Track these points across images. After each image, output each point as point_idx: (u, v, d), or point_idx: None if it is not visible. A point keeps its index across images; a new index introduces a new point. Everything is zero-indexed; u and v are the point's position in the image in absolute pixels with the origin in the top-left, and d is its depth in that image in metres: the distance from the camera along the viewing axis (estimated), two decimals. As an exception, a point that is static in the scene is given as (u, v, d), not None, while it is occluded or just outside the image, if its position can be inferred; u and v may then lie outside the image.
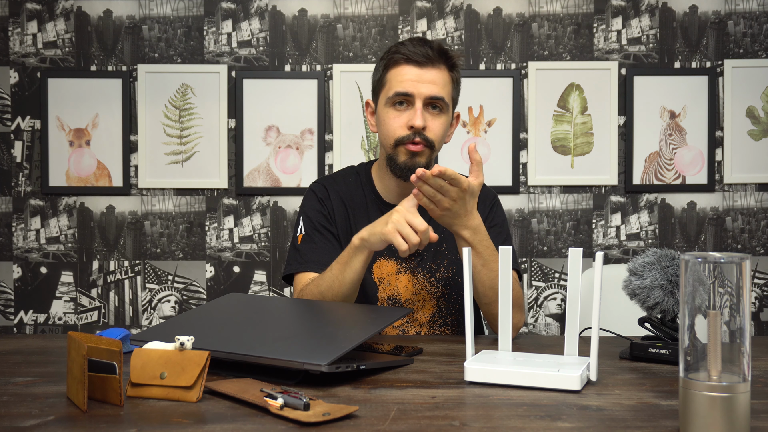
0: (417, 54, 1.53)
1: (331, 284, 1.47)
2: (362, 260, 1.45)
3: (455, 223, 1.42)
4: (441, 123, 1.56)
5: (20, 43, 2.74)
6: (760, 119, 2.73)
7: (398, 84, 1.54)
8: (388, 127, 1.56)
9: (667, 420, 0.91)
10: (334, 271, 1.48)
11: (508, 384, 1.07)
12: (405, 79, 1.53)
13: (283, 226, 2.74)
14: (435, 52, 1.54)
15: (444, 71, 1.56)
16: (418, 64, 1.53)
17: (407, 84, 1.53)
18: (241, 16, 2.74)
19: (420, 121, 1.51)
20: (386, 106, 1.56)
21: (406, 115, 1.54)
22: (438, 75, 1.54)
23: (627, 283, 1.28)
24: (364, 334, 1.14)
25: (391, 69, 1.56)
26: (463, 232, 1.43)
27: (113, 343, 0.96)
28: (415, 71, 1.53)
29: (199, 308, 1.37)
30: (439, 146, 1.58)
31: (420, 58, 1.53)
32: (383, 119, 1.57)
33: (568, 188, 2.74)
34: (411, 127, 1.52)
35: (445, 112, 1.57)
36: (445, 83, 1.56)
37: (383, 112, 1.57)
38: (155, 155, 2.72)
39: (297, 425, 0.88)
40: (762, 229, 2.74)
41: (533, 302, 2.75)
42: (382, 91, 1.59)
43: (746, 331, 0.82)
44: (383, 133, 1.58)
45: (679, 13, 2.73)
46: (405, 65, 1.54)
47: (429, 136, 1.54)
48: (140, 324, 2.75)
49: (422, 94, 1.53)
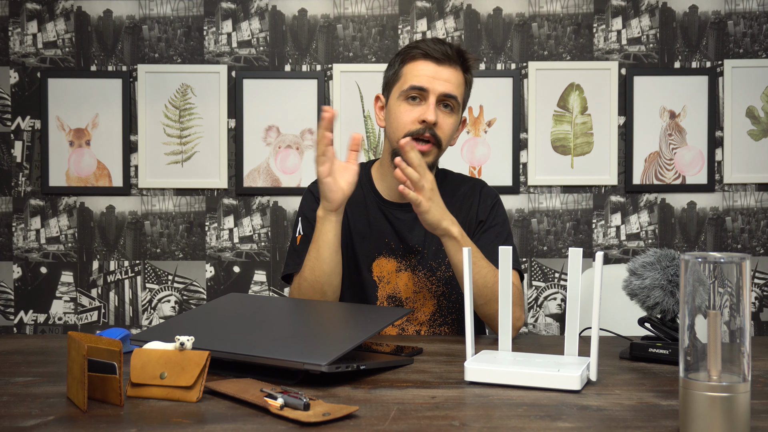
0: (436, 51, 1.54)
1: (311, 267, 1.50)
2: (331, 228, 1.47)
3: (445, 218, 1.44)
4: (451, 122, 1.57)
5: (20, 43, 2.74)
6: (760, 119, 2.73)
7: (414, 78, 1.54)
8: (399, 120, 1.56)
9: (667, 420, 0.91)
10: (311, 254, 1.50)
11: (508, 384, 1.07)
12: (421, 73, 1.54)
13: (283, 226, 2.74)
14: (454, 51, 1.56)
15: (459, 72, 1.57)
16: (436, 61, 1.54)
17: (423, 79, 1.54)
18: (241, 16, 2.74)
19: (433, 116, 1.52)
20: (399, 99, 1.57)
21: (419, 109, 1.54)
22: (454, 74, 1.56)
23: (627, 283, 1.28)
24: (364, 334, 1.14)
25: (408, 63, 1.57)
26: (452, 229, 1.45)
27: (113, 343, 0.96)
28: (432, 67, 1.54)
29: (199, 308, 1.37)
30: (447, 145, 1.59)
31: (439, 55, 1.54)
32: (394, 112, 1.57)
33: (568, 188, 2.74)
34: (423, 121, 1.53)
35: (456, 112, 1.58)
36: (459, 83, 1.57)
37: (395, 105, 1.57)
38: (155, 155, 2.72)
39: (297, 425, 0.88)
40: (762, 229, 2.74)
41: (533, 302, 2.75)
42: (396, 85, 1.59)
43: (746, 331, 0.82)
44: (393, 126, 1.58)
45: (679, 13, 2.73)
46: (423, 60, 1.55)
47: (439, 133, 1.54)
48: (140, 324, 2.75)
49: (437, 91, 1.53)
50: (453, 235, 1.45)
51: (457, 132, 1.64)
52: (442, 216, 1.44)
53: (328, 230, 1.48)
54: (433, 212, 1.43)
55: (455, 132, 1.61)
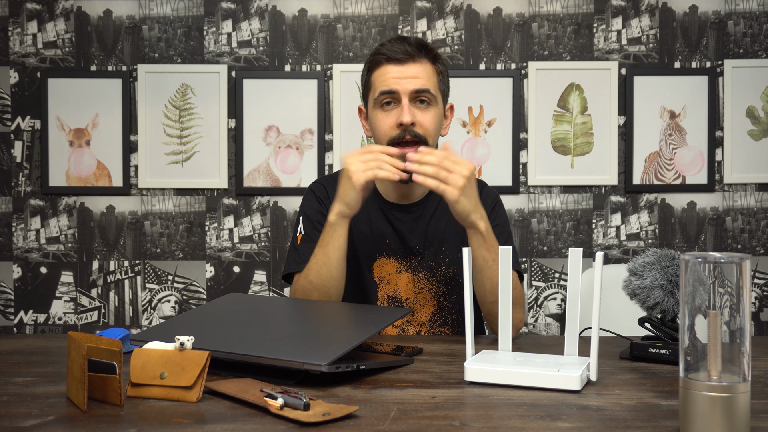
0: (396, 52, 1.54)
1: (318, 270, 1.49)
2: (343, 233, 1.48)
3: (476, 210, 1.43)
4: (431, 116, 1.56)
5: (20, 43, 2.74)
6: (760, 119, 2.72)
7: (382, 83, 1.55)
8: (379, 129, 1.57)
9: (667, 420, 0.91)
10: (318, 256, 1.49)
11: (508, 384, 1.07)
12: (388, 77, 1.54)
13: (283, 226, 2.74)
14: (413, 47, 1.55)
15: (426, 64, 1.56)
16: (398, 62, 1.54)
17: (390, 81, 1.54)
18: (241, 16, 2.74)
19: (408, 117, 1.52)
20: (375, 108, 1.58)
21: (395, 113, 1.54)
22: (420, 69, 1.55)
23: (627, 283, 1.28)
24: (364, 334, 1.14)
25: (375, 70, 1.58)
26: (480, 224, 1.44)
27: (113, 343, 0.96)
28: (396, 69, 1.54)
29: (199, 308, 1.37)
30: (434, 140, 1.58)
31: (399, 55, 1.54)
32: (374, 121, 1.59)
33: (568, 188, 2.74)
34: (400, 124, 1.53)
35: (434, 105, 1.56)
36: (429, 76, 1.56)
37: (373, 114, 1.59)
38: (155, 155, 2.72)
39: (297, 425, 0.88)
40: (762, 229, 2.74)
41: (533, 302, 2.75)
42: (369, 94, 1.60)
43: (746, 331, 0.82)
44: (376, 136, 1.59)
45: (679, 13, 2.73)
46: (386, 65, 1.56)
47: (419, 131, 1.54)
48: (140, 324, 2.75)
49: (407, 90, 1.53)
50: (479, 229, 1.44)
51: (445, 122, 1.64)
52: (474, 208, 1.43)
53: (340, 235, 1.48)
54: (463, 203, 1.41)
55: (440, 123, 1.60)
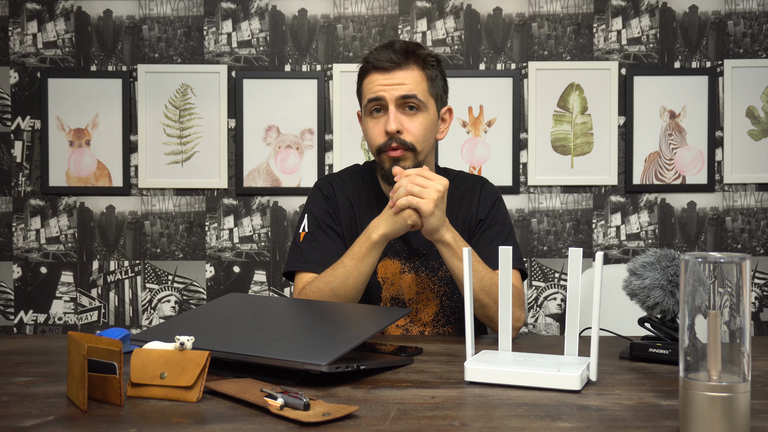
0: (381, 60, 1.55)
1: (344, 279, 1.48)
2: (379, 253, 1.50)
3: (443, 225, 1.46)
4: (419, 122, 1.55)
5: (20, 43, 2.74)
6: (760, 119, 2.72)
7: (369, 92, 1.57)
8: (370, 137, 1.59)
9: (667, 420, 0.91)
10: (348, 267, 1.48)
11: (508, 384, 1.07)
12: (375, 85, 1.56)
13: (283, 226, 2.74)
14: (399, 54, 1.55)
15: (414, 70, 1.56)
16: (384, 70, 1.55)
17: (376, 89, 1.55)
18: (241, 16, 2.74)
19: (393, 125, 1.52)
20: (366, 115, 1.60)
21: (382, 121, 1.56)
22: (407, 75, 1.55)
23: (627, 283, 1.28)
24: (364, 334, 1.14)
25: (364, 79, 1.59)
26: (446, 236, 1.47)
27: (113, 343, 0.96)
28: (383, 76, 1.55)
29: (199, 308, 1.37)
30: (423, 146, 1.57)
31: (385, 63, 1.55)
32: (364, 129, 1.61)
33: (568, 188, 2.74)
34: (387, 132, 1.53)
35: (423, 111, 1.56)
36: (417, 81, 1.55)
37: (364, 122, 1.61)
38: (155, 155, 2.72)
39: (297, 425, 0.88)
40: (762, 229, 2.74)
41: (533, 302, 2.75)
42: (361, 102, 1.62)
43: (746, 331, 0.82)
44: (368, 143, 1.62)
45: (679, 13, 2.73)
46: (373, 73, 1.57)
47: (406, 138, 1.54)
48: (140, 324, 2.75)
49: (393, 96, 1.54)
50: (446, 242, 1.46)
51: (442, 125, 1.64)
52: (443, 223, 1.46)
53: (377, 254, 1.49)
54: (433, 221, 1.44)
55: (431, 129, 1.59)
